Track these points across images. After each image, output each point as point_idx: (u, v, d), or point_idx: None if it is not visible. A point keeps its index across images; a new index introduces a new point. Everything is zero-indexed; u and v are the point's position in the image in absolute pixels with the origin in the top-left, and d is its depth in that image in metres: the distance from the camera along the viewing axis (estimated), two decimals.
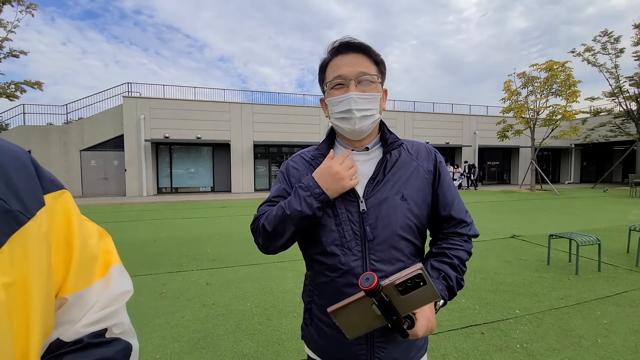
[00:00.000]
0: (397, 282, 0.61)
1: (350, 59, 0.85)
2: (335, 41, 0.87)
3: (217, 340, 2.46)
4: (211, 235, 6.30)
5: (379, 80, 0.88)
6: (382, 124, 0.93)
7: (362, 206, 0.84)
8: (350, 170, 0.84)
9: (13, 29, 13.25)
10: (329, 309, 0.65)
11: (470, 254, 0.89)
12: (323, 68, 0.90)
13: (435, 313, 0.78)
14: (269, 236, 0.86)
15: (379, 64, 0.88)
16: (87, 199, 14.01)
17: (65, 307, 0.42)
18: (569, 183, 23.91)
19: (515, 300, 3.14)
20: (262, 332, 2.57)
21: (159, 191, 16.86)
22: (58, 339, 0.41)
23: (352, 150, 0.92)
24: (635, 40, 18.24)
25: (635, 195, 14.05)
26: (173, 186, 17.10)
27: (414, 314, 0.70)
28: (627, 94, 19.25)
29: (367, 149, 0.92)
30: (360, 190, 0.86)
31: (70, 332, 0.42)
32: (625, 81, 19.07)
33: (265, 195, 1.09)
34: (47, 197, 0.41)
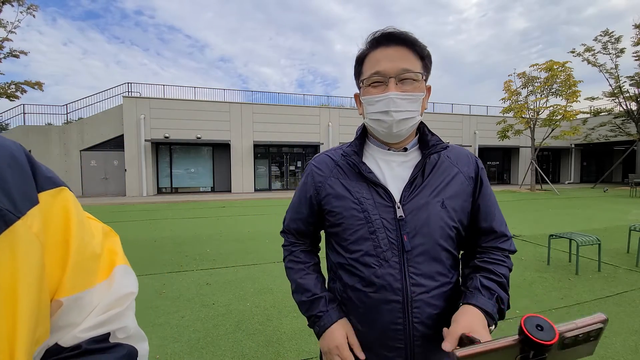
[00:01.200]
0: (570, 335, 0.46)
1: (392, 53, 0.74)
2: (377, 31, 0.76)
3: (217, 340, 2.46)
4: (211, 235, 6.30)
5: (424, 77, 0.78)
6: (421, 124, 0.84)
7: (399, 212, 0.75)
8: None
9: (14, 30, 13.28)
10: (459, 354, 0.48)
11: (511, 270, 0.81)
12: (360, 61, 0.80)
13: None
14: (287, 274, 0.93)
15: (425, 58, 0.77)
16: (87, 199, 13.99)
17: (61, 310, 0.40)
18: (569, 183, 23.90)
19: (515, 300, 3.13)
20: (262, 332, 2.57)
21: (159, 191, 16.85)
22: (56, 344, 0.39)
23: (389, 150, 0.83)
24: (636, 40, 18.23)
25: (635, 195, 14.04)
26: (173, 186, 17.09)
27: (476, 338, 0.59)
28: (627, 94, 19.26)
29: (406, 149, 0.83)
30: (396, 195, 0.77)
31: (69, 337, 0.40)
32: (626, 81, 19.09)
33: (265, 196, 1.08)
34: (43, 195, 0.39)
